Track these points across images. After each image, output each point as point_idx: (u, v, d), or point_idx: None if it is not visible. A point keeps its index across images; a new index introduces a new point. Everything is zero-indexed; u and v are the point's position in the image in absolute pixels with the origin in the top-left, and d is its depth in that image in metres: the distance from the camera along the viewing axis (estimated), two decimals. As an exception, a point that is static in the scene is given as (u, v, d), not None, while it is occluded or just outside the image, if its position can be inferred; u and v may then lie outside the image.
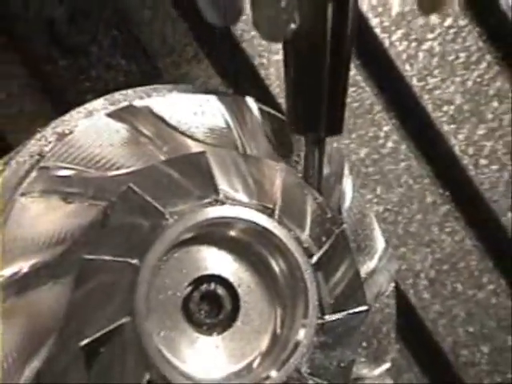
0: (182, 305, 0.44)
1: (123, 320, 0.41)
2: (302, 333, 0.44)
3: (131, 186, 0.42)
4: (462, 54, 0.63)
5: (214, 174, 0.44)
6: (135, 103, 0.46)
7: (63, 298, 0.41)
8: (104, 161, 0.44)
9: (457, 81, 0.63)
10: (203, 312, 0.45)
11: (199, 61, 0.62)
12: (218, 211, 0.44)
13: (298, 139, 0.49)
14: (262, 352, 0.45)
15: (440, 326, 0.63)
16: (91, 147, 0.44)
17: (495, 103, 0.64)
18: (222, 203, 0.44)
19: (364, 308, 0.46)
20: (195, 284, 0.44)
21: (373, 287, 0.50)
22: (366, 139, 0.63)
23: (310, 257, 0.45)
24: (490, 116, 0.64)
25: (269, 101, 0.60)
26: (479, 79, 0.64)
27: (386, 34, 0.62)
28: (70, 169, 0.43)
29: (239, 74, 0.62)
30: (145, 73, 0.60)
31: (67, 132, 0.44)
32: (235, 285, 0.45)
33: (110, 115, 0.45)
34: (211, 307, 0.45)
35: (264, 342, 0.45)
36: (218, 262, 0.45)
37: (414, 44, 0.63)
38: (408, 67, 0.63)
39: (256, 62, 0.61)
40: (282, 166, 0.46)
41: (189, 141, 0.46)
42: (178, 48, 0.61)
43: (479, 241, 0.64)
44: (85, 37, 0.59)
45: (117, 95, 0.47)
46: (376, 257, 0.50)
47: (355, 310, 0.46)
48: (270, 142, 0.48)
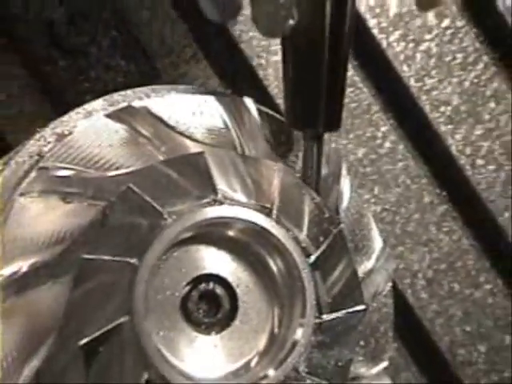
0: (181, 304, 0.44)
1: (122, 319, 0.41)
2: (299, 332, 0.44)
3: (130, 186, 0.42)
4: (459, 55, 0.64)
5: (213, 174, 0.44)
6: (134, 104, 0.46)
7: (62, 298, 0.41)
8: (103, 161, 0.44)
9: (454, 81, 0.64)
10: (202, 311, 0.45)
11: (198, 61, 0.62)
12: (216, 211, 0.44)
13: (296, 140, 0.49)
14: (259, 351, 0.45)
15: (437, 326, 0.63)
16: (90, 147, 0.44)
17: (492, 104, 0.64)
18: (221, 203, 0.44)
19: (362, 307, 0.46)
20: (194, 283, 0.44)
21: (370, 287, 0.50)
22: (363, 139, 0.63)
23: (308, 256, 0.45)
24: (487, 116, 0.64)
25: (267, 101, 0.60)
26: (476, 80, 0.64)
27: (384, 35, 0.63)
28: (69, 169, 0.43)
29: (237, 74, 0.62)
30: (144, 73, 0.60)
31: (66, 132, 0.45)
32: (233, 284, 0.45)
33: (108, 116, 0.45)
34: (210, 306, 0.45)
35: (262, 341, 0.45)
36: (216, 261, 0.45)
37: (411, 45, 0.63)
38: (406, 68, 0.63)
39: (254, 62, 0.62)
40: (280, 166, 0.46)
41: (187, 141, 0.46)
42: (176, 49, 0.61)
43: (476, 240, 0.64)
44: (84, 38, 0.59)
45: (116, 96, 0.47)
46: (373, 256, 0.51)
47: (353, 309, 0.46)
48: (268, 142, 0.48)
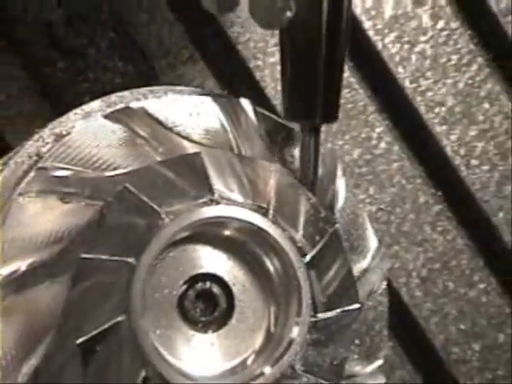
0: (178, 303, 0.44)
1: (119, 318, 0.41)
2: (295, 330, 0.45)
3: (127, 186, 0.43)
4: (454, 57, 0.64)
5: (209, 174, 0.44)
6: (131, 105, 0.46)
7: (60, 297, 0.41)
8: (101, 161, 0.44)
9: (448, 83, 0.64)
10: (198, 310, 0.45)
11: (195, 63, 0.62)
12: (213, 211, 0.44)
13: (294, 140, 0.49)
14: (256, 349, 0.46)
15: (432, 324, 0.63)
16: (88, 148, 0.44)
17: (486, 105, 0.64)
18: (217, 203, 0.44)
19: (357, 306, 0.47)
20: (190, 282, 0.45)
21: (365, 285, 0.50)
22: (359, 140, 0.63)
23: (304, 256, 0.45)
24: (481, 117, 0.64)
25: (264, 102, 0.60)
26: (470, 81, 0.64)
27: (379, 37, 0.63)
28: (67, 169, 0.43)
29: (234, 76, 0.62)
30: (141, 74, 0.60)
31: (65, 133, 0.45)
32: (230, 283, 0.45)
33: (106, 117, 0.45)
34: (206, 305, 0.45)
35: (258, 339, 0.46)
36: (213, 260, 0.46)
37: (406, 46, 0.63)
38: (401, 69, 0.63)
39: (251, 64, 0.62)
40: (276, 166, 0.47)
41: (184, 142, 0.46)
42: (174, 50, 0.61)
43: (470, 240, 0.65)
44: (82, 39, 0.59)
45: (113, 97, 0.48)
46: (369, 256, 0.51)
47: (348, 307, 0.47)
48: (265, 142, 0.49)
